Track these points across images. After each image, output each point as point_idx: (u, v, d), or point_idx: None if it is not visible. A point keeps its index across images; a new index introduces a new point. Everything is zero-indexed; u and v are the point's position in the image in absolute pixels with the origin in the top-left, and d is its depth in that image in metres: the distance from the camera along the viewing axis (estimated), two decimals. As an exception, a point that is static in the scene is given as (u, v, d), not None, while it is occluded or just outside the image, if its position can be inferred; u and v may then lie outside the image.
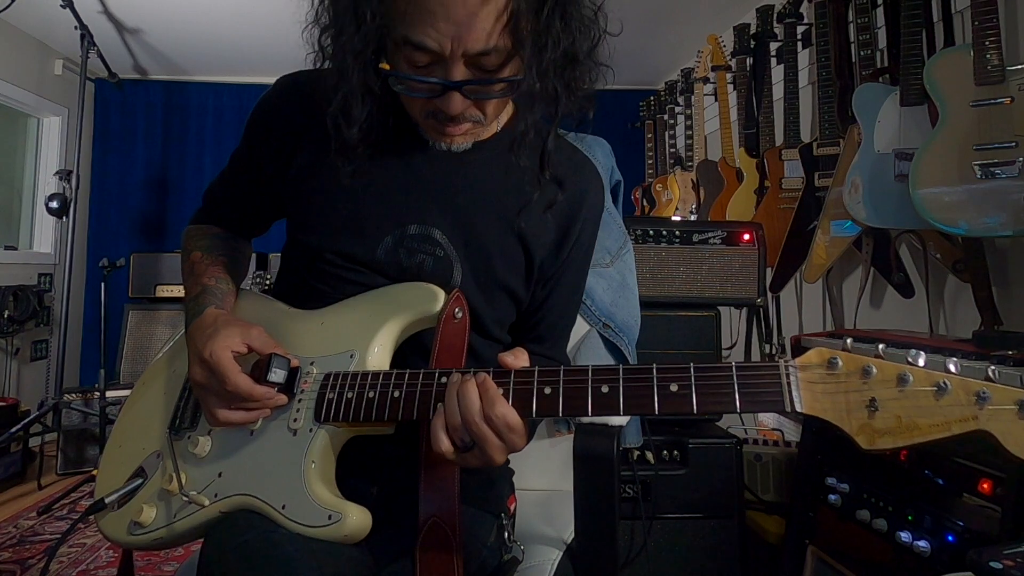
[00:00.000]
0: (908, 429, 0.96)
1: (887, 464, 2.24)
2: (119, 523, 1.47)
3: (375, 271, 1.51)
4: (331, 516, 1.26)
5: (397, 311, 1.43)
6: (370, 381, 1.33)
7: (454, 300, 1.41)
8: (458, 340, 1.41)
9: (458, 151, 1.50)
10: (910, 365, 0.99)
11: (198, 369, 1.40)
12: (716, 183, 4.99)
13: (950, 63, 2.65)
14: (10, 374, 5.74)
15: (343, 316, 1.49)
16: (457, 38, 1.23)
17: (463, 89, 1.31)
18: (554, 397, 1.20)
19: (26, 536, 3.97)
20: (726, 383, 1.08)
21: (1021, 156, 2.43)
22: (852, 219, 3.15)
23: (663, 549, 2.77)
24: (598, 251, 2.16)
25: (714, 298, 2.99)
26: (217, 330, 1.41)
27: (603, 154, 2.34)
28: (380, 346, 1.41)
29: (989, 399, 0.93)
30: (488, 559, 1.48)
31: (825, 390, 1.02)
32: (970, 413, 0.94)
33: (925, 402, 0.96)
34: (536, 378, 1.22)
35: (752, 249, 3.05)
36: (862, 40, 3.38)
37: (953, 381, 0.95)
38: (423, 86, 1.32)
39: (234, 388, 1.33)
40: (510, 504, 1.63)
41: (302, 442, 1.34)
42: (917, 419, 0.96)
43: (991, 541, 1.79)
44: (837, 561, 2.35)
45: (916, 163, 2.66)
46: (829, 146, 3.65)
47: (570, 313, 1.76)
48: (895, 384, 0.98)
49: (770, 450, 3.21)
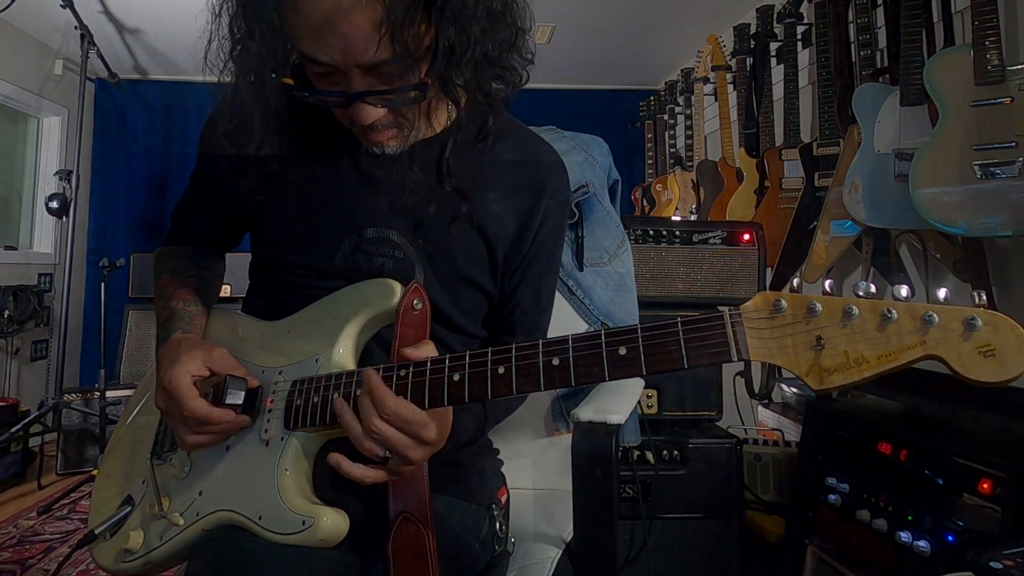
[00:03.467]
0: (856, 364, 0.94)
1: (887, 464, 2.24)
2: (111, 552, 1.48)
3: (336, 277, 1.50)
4: (304, 522, 1.26)
5: (357, 310, 1.43)
6: (334, 382, 1.32)
7: (412, 292, 1.39)
8: (419, 331, 1.38)
9: (398, 153, 1.45)
10: (856, 297, 0.97)
11: (160, 396, 1.40)
12: (716, 183, 4.99)
13: (950, 63, 2.65)
14: (10, 374, 5.73)
15: (306, 323, 1.49)
16: (346, 51, 1.22)
17: (367, 99, 1.30)
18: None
19: (26, 536, 3.96)
20: (672, 340, 1.05)
21: (1021, 156, 2.43)
22: (852, 219, 3.15)
23: (663, 549, 2.77)
24: (596, 250, 2.25)
25: (714, 298, 2.98)
26: (179, 355, 1.40)
27: (600, 153, 2.36)
28: (344, 347, 1.40)
29: (935, 322, 0.91)
30: (480, 553, 1.48)
31: (772, 334, 0.99)
32: (917, 339, 0.92)
33: (872, 334, 0.94)
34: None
35: (752, 249, 3.05)
36: (862, 40, 3.38)
37: (899, 308, 0.93)
38: (328, 99, 1.33)
39: (191, 413, 1.33)
40: (501, 496, 1.63)
41: (274, 452, 1.35)
42: (865, 352, 0.94)
43: (991, 541, 1.79)
44: (837, 561, 2.35)
45: (916, 163, 2.66)
46: (829, 146, 3.66)
47: (541, 303, 1.71)
48: (840, 319, 0.96)
49: (770, 450, 3.21)
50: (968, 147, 2.52)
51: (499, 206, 1.54)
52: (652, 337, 1.06)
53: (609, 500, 1.57)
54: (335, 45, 1.21)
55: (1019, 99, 2.47)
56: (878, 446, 2.28)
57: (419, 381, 1.22)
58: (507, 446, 1.84)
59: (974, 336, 0.89)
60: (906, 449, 2.19)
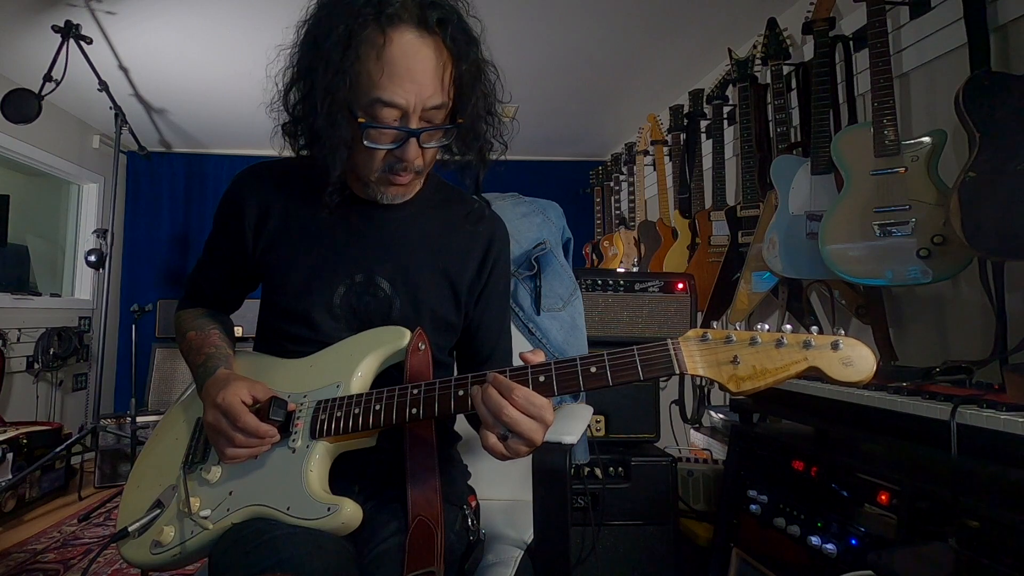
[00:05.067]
0: (761, 374, 1.14)
1: (800, 479, 2.26)
2: (139, 548, 1.47)
3: (334, 317, 1.58)
4: (329, 508, 1.32)
5: (373, 347, 1.50)
6: (355, 400, 1.40)
7: (417, 336, 1.48)
8: (424, 367, 1.47)
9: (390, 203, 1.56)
10: (758, 331, 1.17)
11: (211, 413, 1.43)
12: (655, 240, 4.98)
13: (853, 138, 2.64)
14: (55, 402, 5.78)
15: (328, 357, 1.54)
16: (418, 95, 1.36)
17: (420, 136, 1.41)
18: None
19: (68, 540, 3.98)
20: (630, 360, 1.20)
21: (914, 217, 2.41)
22: (770, 271, 3.13)
23: (609, 551, 2.80)
24: (551, 297, 2.37)
25: (653, 338, 2.92)
26: (228, 384, 1.44)
27: (556, 215, 2.42)
28: (361, 374, 1.46)
29: (813, 345, 1.13)
30: (456, 543, 1.50)
31: (701, 355, 1.18)
32: (801, 356, 1.13)
33: (771, 353, 1.14)
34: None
35: (685, 296, 3.09)
36: (778, 119, 3.37)
37: (788, 337, 1.15)
38: (391, 132, 1.41)
39: (244, 425, 1.37)
40: (471, 501, 1.68)
41: (301, 456, 1.39)
42: (767, 366, 1.14)
43: (888, 544, 1.84)
44: (758, 562, 2.37)
45: (825, 223, 2.64)
46: (750, 209, 3.63)
47: (504, 327, 1.82)
48: (749, 344, 1.16)
49: (700, 467, 3.25)
50: (869, 210, 2.50)
51: (459, 253, 1.65)
52: (614, 359, 1.22)
53: (564, 509, 1.62)
54: (411, 91, 1.36)
55: (912, 169, 2.46)
56: (792, 463, 2.31)
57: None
58: (479, 463, 1.88)
59: (838, 353, 1.12)
60: (816, 466, 2.21)
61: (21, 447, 4.40)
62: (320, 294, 1.57)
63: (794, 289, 3.32)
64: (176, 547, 1.41)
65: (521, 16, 4.01)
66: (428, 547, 1.33)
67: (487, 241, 1.69)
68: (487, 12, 1.48)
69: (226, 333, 1.72)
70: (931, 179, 2.42)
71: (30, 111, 4.25)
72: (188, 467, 1.51)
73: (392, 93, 1.35)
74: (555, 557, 1.62)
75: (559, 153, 7.23)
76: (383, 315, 1.57)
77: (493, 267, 1.69)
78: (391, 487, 1.51)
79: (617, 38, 4.42)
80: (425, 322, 1.58)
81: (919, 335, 2.85)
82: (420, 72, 1.36)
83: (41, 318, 5.57)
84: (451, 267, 1.63)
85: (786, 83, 3.53)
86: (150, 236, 6.93)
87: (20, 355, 5.32)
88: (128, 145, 5.37)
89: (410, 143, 1.41)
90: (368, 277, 1.57)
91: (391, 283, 1.58)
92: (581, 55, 4.68)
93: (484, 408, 1.23)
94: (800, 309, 3.32)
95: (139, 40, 4.47)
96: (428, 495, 1.41)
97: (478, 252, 1.67)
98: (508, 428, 1.22)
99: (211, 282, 1.77)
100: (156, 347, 6.21)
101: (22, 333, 5.32)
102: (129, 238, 6.90)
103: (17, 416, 5.24)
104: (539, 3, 3.88)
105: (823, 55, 3.03)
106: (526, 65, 4.76)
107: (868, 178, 2.55)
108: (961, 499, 1.66)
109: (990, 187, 2.06)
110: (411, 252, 1.60)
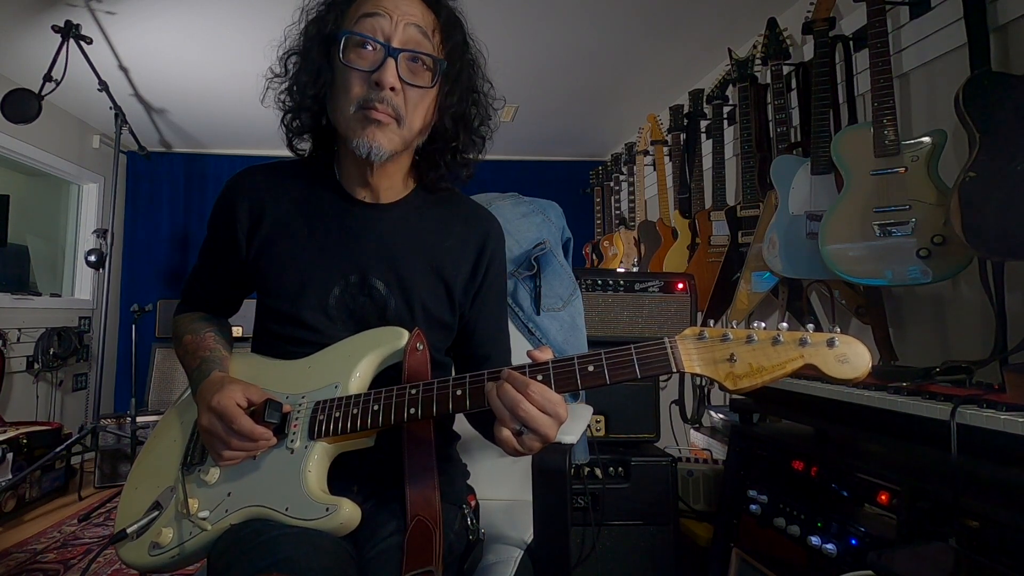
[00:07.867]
0: (758, 372, 1.13)
1: (800, 479, 2.26)
2: (138, 550, 1.46)
3: (329, 318, 1.57)
4: (328, 508, 1.31)
5: (372, 348, 1.49)
6: (353, 400, 1.39)
7: (415, 336, 1.48)
8: (422, 367, 1.46)
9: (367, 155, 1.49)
10: (755, 329, 1.17)
11: (206, 416, 1.42)
12: (655, 240, 4.98)
13: (853, 138, 2.64)
14: (55, 402, 5.80)
15: (326, 358, 1.53)
16: (401, 10, 1.43)
17: (398, 60, 1.42)
18: None
19: (68, 540, 3.99)
20: (628, 359, 1.20)
21: (914, 218, 2.41)
22: (770, 271, 3.13)
23: (609, 551, 2.80)
24: (551, 297, 2.37)
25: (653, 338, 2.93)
26: (223, 387, 1.44)
27: (556, 215, 2.41)
28: (359, 375, 1.46)
29: (808, 342, 1.12)
30: (455, 542, 1.50)
31: (698, 353, 1.17)
32: (797, 354, 1.12)
33: (767, 351, 1.14)
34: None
35: (685, 296, 3.09)
36: (778, 119, 3.37)
37: (785, 334, 1.14)
38: (370, 54, 1.44)
39: (239, 427, 1.36)
40: (471, 501, 1.68)
41: (299, 457, 1.38)
42: (763, 363, 1.13)
43: (888, 544, 1.83)
44: (758, 562, 2.37)
45: (825, 223, 2.64)
46: (750, 209, 3.63)
47: (502, 326, 1.81)
48: (745, 342, 1.15)
49: (700, 467, 3.26)
50: (869, 210, 2.50)
51: (454, 254, 1.65)
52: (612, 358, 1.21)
53: (564, 509, 1.62)
54: (393, 4, 1.43)
55: (912, 169, 2.46)
56: (792, 464, 2.31)
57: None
58: (478, 463, 1.88)
59: (833, 350, 1.11)
60: (816, 466, 2.21)
61: (21, 447, 4.41)
62: (315, 295, 1.56)
63: (794, 289, 3.32)
64: (175, 548, 1.40)
65: (521, 16, 4.00)
66: (427, 547, 1.32)
67: (481, 240, 1.68)
68: (487, 12, 1.49)
69: (222, 336, 1.72)
70: (931, 179, 2.42)
71: (30, 111, 4.25)
72: (186, 468, 1.50)
73: (375, 5, 1.42)
74: (555, 557, 1.61)
75: (559, 153, 7.21)
76: (378, 315, 1.57)
77: (488, 266, 1.69)
78: (390, 487, 1.50)
79: (617, 38, 4.42)
80: (420, 322, 1.58)
81: (919, 335, 2.85)
82: (405, 2, 1.44)
83: (41, 318, 5.58)
84: (445, 267, 1.62)
85: (786, 83, 3.53)
86: (150, 236, 6.94)
87: (20, 355, 5.33)
88: (128, 145, 5.39)
89: (388, 63, 1.41)
90: (362, 277, 1.57)
91: (386, 283, 1.57)
92: (581, 55, 4.68)
93: (499, 403, 1.22)
94: (800, 309, 3.32)
95: (139, 40, 4.48)
96: (427, 495, 1.40)
97: (472, 252, 1.67)
98: (524, 424, 1.21)
99: (207, 287, 1.77)
100: (156, 347, 6.21)
101: (22, 333, 5.33)
102: (129, 238, 6.92)
103: (17, 416, 5.25)
104: (539, 3, 3.87)
105: (823, 55, 3.03)
106: (526, 65, 4.75)
107: (868, 178, 2.55)
108: (961, 499, 1.65)
109: (990, 187, 2.06)
110: (405, 252, 1.59)
